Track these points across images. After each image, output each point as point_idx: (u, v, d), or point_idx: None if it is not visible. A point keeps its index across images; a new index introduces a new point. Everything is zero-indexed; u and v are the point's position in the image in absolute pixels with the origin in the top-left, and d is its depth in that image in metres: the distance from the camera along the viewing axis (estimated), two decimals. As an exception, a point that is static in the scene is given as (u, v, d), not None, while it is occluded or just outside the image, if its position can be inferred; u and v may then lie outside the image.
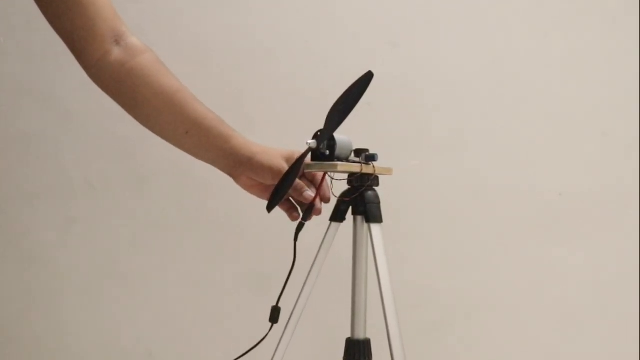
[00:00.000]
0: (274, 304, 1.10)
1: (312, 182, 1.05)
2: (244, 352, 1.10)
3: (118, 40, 0.99)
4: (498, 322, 1.66)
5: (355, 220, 1.09)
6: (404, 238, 1.64)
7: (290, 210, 1.07)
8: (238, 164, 1.01)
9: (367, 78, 1.04)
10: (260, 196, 1.05)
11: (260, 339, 1.10)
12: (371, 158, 1.07)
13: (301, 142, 1.03)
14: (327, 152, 1.02)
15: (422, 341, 1.62)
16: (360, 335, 1.10)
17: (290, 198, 1.07)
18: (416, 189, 1.65)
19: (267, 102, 1.69)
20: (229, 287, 1.69)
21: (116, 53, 0.99)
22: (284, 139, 1.63)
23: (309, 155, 1.03)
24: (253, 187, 1.04)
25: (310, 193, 1.04)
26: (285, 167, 1.00)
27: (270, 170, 1.00)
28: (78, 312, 1.69)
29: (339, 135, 1.04)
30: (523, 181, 1.64)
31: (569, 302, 1.65)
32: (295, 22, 1.68)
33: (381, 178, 1.11)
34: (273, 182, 1.01)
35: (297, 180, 1.02)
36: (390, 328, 1.03)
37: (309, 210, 1.06)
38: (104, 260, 1.69)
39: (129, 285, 1.69)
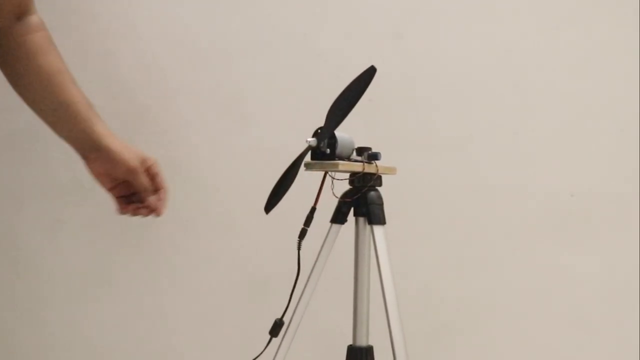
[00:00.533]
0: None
1: (152, 180, 1.10)
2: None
3: (20, 16, 1.04)
4: (506, 329, 1.66)
5: (357, 222, 1.10)
6: (408, 241, 1.63)
7: (126, 204, 1.11)
8: (95, 150, 1.05)
9: (370, 73, 1.05)
10: (105, 186, 1.09)
11: (254, 349, 1.10)
12: (374, 157, 1.07)
13: (301, 140, 1.04)
14: (328, 151, 1.03)
15: (427, 349, 1.62)
16: (362, 342, 1.10)
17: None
18: (421, 189, 1.64)
19: (265, 99, 1.69)
20: (224, 292, 1.68)
21: (13, 27, 1.04)
22: (282, 137, 1.63)
23: (309, 154, 1.03)
24: (102, 176, 1.08)
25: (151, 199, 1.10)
26: (140, 167, 1.06)
27: (125, 166, 1.05)
28: (65, 317, 1.69)
29: (340, 133, 1.04)
30: (533, 181, 1.64)
31: (581, 307, 1.64)
32: (294, 15, 1.67)
33: (384, 178, 1.11)
34: (123, 176, 1.06)
35: (146, 182, 1.08)
36: (393, 335, 1.03)
37: (311, 215, 1.06)
38: (94, 263, 1.69)
39: (120, 291, 1.69)
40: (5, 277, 1.68)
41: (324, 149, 1.02)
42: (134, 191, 1.08)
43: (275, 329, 1.08)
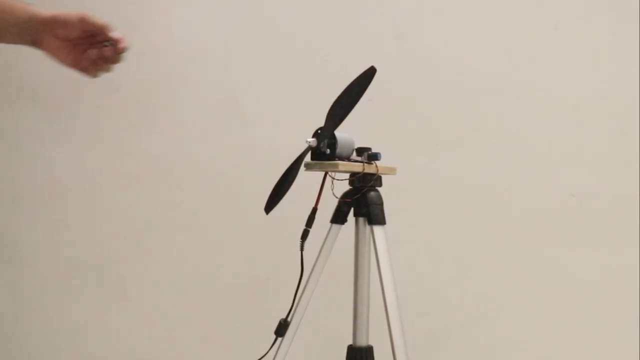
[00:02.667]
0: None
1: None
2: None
3: None
4: (506, 329, 1.66)
5: (357, 222, 1.10)
6: (409, 241, 1.63)
7: (92, 64, 1.05)
8: (41, 27, 1.01)
9: (370, 73, 1.05)
10: (65, 60, 1.04)
11: (257, 348, 1.11)
12: (374, 157, 1.07)
13: (301, 140, 1.04)
14: (328, 151, 1.03)
15: (427, 349, 1.62)
16: (362, 342, 1.11)
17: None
18: (421, 190, 1.64)
19: (265, 99, 1.69)
20: (224, 292, 1.69)
21: None
22: (282, 137, 1.63)
23: (309, 154, 1.03)
24: (59, 49, 1.03)
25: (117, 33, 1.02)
26: (87, 16, 1.00)
27: (75, 17, 1.00)
28: (65, 317, 1.70)
29: (340, 133, 1.05)
30: (534, 181, 1.64)
31: (581, 306, 1.65)
32: (294, 15, 1.68)
33: (384, 178, 1.11)
34: (80, 32, 1.01)
35: (101, 20, 1.02)
36: (393, 335, 1.04)
37: (312, 215, 1.07)
38: (93, 262, 1.70)
39: (119, 289, 1.69)
40: (4, 275, 1.69)
41: (324, 149, 1.02)
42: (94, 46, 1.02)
43: (281, 329, 1.08)
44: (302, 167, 1.04)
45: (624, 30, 1.63)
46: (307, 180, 1.08)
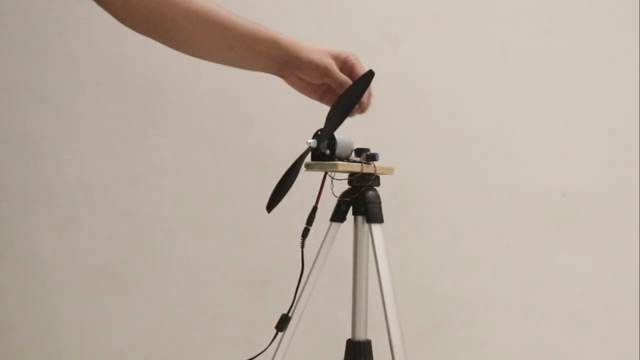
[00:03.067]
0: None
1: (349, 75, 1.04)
2: (246, 358, 1.10)
3: None
4: (501, 324, 1.67)
5: (355, 220, 1.09)
6: (406, 239, 1.64)
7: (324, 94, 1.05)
8: (285, 64, 1.01)
9: (368, 77, 1.04)
10: (310, 96, 1.05)
11: (258, 342, 1.10)
12: (372, 157, 1.07)
13: (301, 141, 1.04)
14: (328, 152, 1.02)
15: (424, 343, 1.63)
16: (361, 336, 1.11)
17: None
18: (418, 189, 1.65)
19: (265, 101, 1.69)
20: (227, 289, 1.69)
21: None
22: (283, 138, 1.64)
23: (309, 155, 1.03)
24: (303, 88, 1.04)
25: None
26: (331, 64, 1.00)
27: (316, 68, 0.99)
28: (74, 314, 1.69)
29: (340, 134, 1.04)
30: (526, 181, 1.65)
31: (574, 304, 1.65)
32: (294, 20, 1.68)
33: (382, 178, 1.11)
34: (320, 80, 1.01)
35: (342, 76, 1.01)
36: (391, 330, 1.03)
37: (313, 214, 1.06)
38: (101, 261, 1.69)
39: (126, 287, 1.69)
40: (16, 271, 1.69)
41: (323, 150, 1.02)
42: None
43: (282, 323, 1.07)
44: (303, 168, 1.03)
45: (613, 36, 1.64)
46: (308, 180, 1.07)
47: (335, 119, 1.02)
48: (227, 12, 1.01)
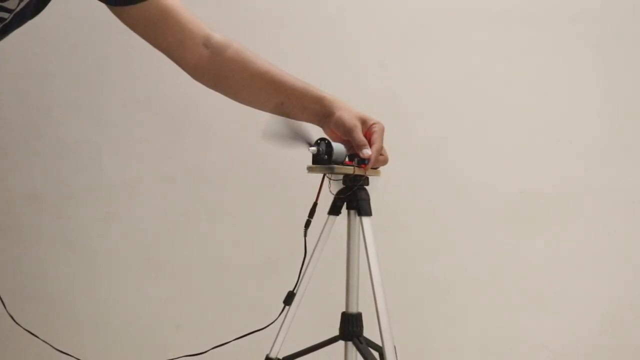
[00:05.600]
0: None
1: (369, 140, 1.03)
2: (258, 328, 1.11)
3: (206, 43, 0.98)
4: (470, 299, 1.67)
5: (349, 214, 1.10)
6: (390, 229, 1.64)
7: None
8: (324, 117, 1.00)
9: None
10: (337, 141, 1.04)
11: (269, 314, 1.11)
12: (362, 162, 1.07)
13: (303, 149, 1.03)
14: (326, 157, 1.02)
15: (405, 315, 1.63)
16: (353, 309, 1.11)
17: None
18: (400, 188, 1.65)
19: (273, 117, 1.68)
20: (243, 270, 1.69)
21: (207, 55, 0.98)
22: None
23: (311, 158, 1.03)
24: (335, 137, 1.04)
25: (368, 151, 1.01)
26: (357, 125, 0.98)
27: (343, 125, 0.99)
28: (116, 292, 1.70)
29: (336, 143, 1.04)
30: (491, 181, 1.65)
31: (530, 283, 1.66)
32: (296, 46, 1.67)
33: (371, 179, 1.11)
34: (344, 136, 1.00)
35: (361, 138, 1.00)
36: (378, 303, 1.04)
37: (313, 208, 1.06)
38: (138, 248, 1.70)
39: (160, 270, 1.69)
40: (66, 258, 1.69)
41: (322, 155, 1.02)
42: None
43: (288, 298, 1.08)
44: (305, 170, 1.04)
45: (562, 60, 1.64)
46: (309, 180, 1.08)
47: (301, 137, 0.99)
48: (281, 72, 1.00)
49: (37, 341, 1.13)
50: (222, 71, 1.00)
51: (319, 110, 1.01)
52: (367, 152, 1.02)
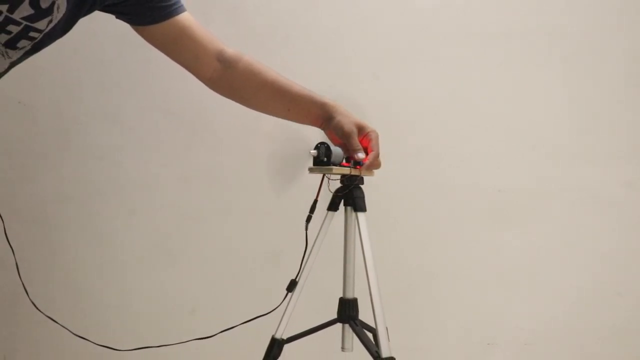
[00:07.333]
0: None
1: (366, 147, 1.03)
2: (264, 312, 1.11)
3: (219, 57, 1.00)
4: (454, 287, 1.67)
5: (346, 210, 1.10)
6: (383, 223, 1.63)
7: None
8: (325, 121, 1.02)
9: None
10: (335, 143, 1.05)
11: (273, 300, 1.11)
12: (358, 163, 1.07)
13: (305, 151, 1.05)
14: (325, 159, 1.03)
15: (396, 300, 1.62)
16: (349, 295, 1.12)
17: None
18: (392, 187, 1.65)
19: (280, 122, 1.65)
20: (250, 260, 1.68)
21: (220, 68, 1.00)
22: (294, 148, 1.63)
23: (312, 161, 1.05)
24: (334, 139, 1.04)
25: (361, 155, 1.02)
26: (354, 131, 0.99)
27: (341, 129, 1.00)
28: (138, 280, 1.69)
29: (334, 146, 1.05)
30: (472, 180, 1.65)
31: (508, 272, 1.66)
32: (298, 59, 1.66)
33: (365, 178, 1.11)
34: (341, 140, 1.01)
35: (356, 143, 1.01)
36: (372, 290, 1.04)
37: (314, 205, 1.06)
38: (157, 241, 1.69)
39: (177, 260, 1.69)
40: (93, 252, 1.68)
41: (322, 158, 1.03)
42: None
43: (291, 286, 1.08)
44: (307, 170, 1.04)
45: (537, 73, 1.64)
46: (310, 180, 1.09)
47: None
48: (287, 81, 1.01)
49: (58, 327, 1.13)
50: (235, 82, 1.01)
51: (321, 115, 1.02)
52: (360, 155, 1.02)
